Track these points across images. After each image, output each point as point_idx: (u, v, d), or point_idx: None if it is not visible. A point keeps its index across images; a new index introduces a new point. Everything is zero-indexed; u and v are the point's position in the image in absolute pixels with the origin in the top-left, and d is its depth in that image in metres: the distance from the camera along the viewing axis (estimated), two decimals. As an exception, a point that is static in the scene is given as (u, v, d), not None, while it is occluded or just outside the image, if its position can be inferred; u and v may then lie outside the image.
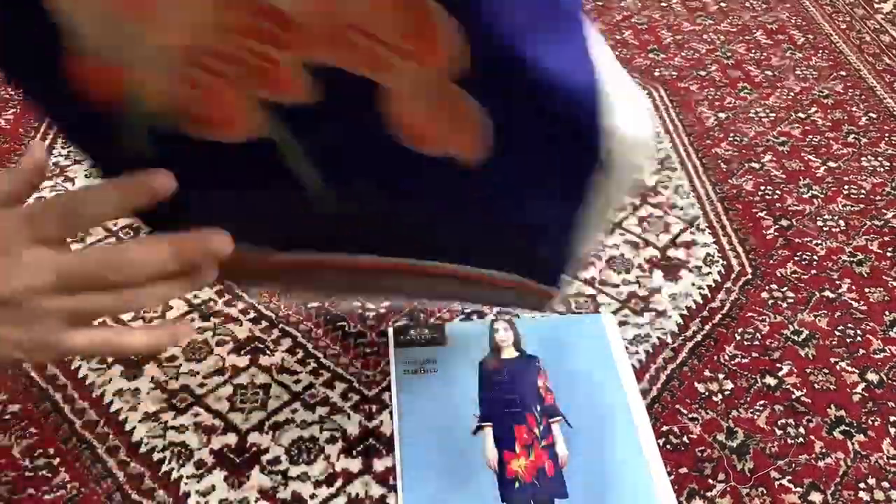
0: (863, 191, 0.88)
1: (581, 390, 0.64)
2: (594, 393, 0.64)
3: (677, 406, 0.65)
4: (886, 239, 0.82)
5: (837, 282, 0.77)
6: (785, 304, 0.74)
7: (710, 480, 0.59)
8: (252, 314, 0.71)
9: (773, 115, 1.00)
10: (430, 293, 0.62)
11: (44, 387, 0.63)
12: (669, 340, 0.70)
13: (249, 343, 0.68)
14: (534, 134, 0.40)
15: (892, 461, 0.61)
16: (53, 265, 0.40)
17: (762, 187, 0.88)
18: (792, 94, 1.04)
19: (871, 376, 0.68)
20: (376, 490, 0.58)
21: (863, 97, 1.04)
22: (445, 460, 0.60)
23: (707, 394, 0.66)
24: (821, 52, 1.14)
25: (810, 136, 0.96)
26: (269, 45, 0.35)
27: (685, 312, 0.73)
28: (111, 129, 0.39)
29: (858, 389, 0.66)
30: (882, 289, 0.76)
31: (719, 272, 0.77)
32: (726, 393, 0.66)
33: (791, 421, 0.64)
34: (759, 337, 0.71)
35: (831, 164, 0.92)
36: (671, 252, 0.79)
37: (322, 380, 0.65)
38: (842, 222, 0.84)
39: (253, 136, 0.40)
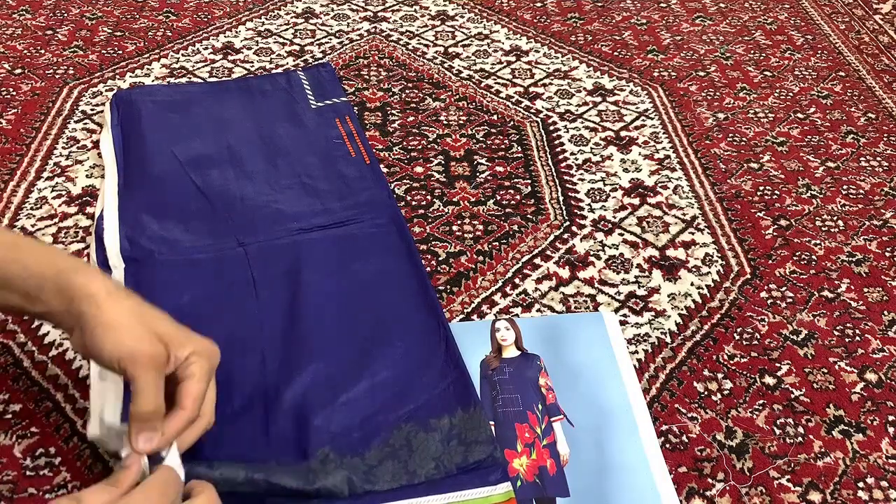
0: (861, 191, 0.88)
1: (582, 388, 0.64)
2: (596, 391, 0.64)
3: (676, 405, 0.65)
4: (885, 239, 0.82)
5: (836, 282, 0.77)
6: (784, 304, 0.74)
7: (710, 480, 0.60)
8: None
9: (772, 115, 1.00)
10: None
11: (45, 386, 0.63)
12: (668, 340, 0.70)
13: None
14: None
15: (890, 460, 0.61)
16: None
17: (761, 187, 0.88)
18: (791, 94, 1.04)
19: (870, 376, 0.68)
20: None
21: (861, 97, 1.04)
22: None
23: (706, 393, 0.66)
24: (820, 52, 1.14)
25: (809, 137, 0.97)
26: None
27: (684, 312, 0.73)
28: None
29: (857, 389, 0.67)
30: (881, 288, 0.76)
31: (718, 272, 0.77)
32: (725, 392, 0.66)
33: (790, 420, 0.64)
34: (758, 336, 0.71)
35: (830, 164, 0.92)
36: (670, 252, 0.79)
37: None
38: (840, 222, 0.84)
39: None
